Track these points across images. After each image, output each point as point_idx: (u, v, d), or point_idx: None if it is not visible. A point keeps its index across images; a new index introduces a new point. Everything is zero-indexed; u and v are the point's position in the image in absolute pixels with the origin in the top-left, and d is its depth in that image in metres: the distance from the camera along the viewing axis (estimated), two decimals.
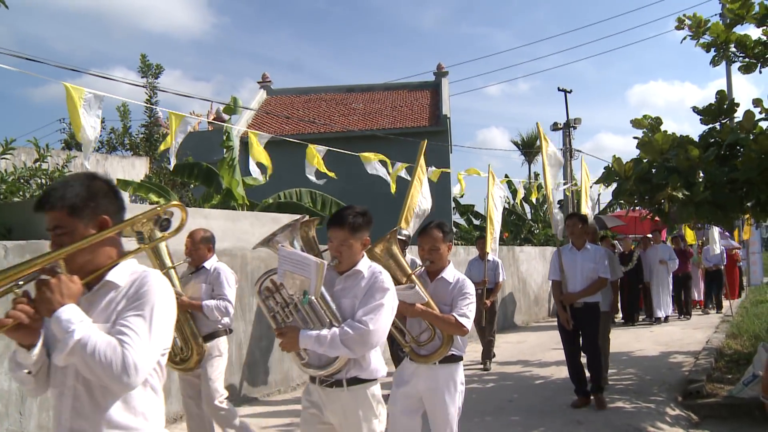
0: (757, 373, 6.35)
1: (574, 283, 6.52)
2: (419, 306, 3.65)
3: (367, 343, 3.00)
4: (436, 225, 3.98)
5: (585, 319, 6.45)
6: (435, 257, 3.92)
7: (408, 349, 3.86)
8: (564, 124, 23.07)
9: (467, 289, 3.83)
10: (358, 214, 3.21)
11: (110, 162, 11.64)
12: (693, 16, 6.89)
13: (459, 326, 3.70)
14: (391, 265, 3.72)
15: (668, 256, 13.92)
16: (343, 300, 3.17)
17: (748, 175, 5.65)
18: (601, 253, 6.59)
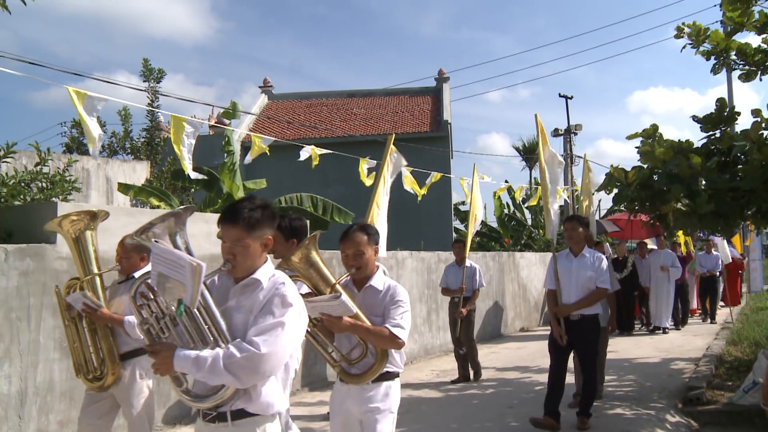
0: (757, 380, 6.34)
1: (568, 293, 5.95)
2: (347, 319, 3.18)
3: (256, 370, 2.42)
4: (360, 227, 3.53)
5: (581, 334, 5.88)
6: (361, 263, 3.44)
7: (338, 369, 3.41)
8: (565, 130, 23.10)
9: (400, 297, 3.39)
10: (257, 207, 2.65)
11: (111, 166, 11.63)
12: (692, 25, 6.91)
13: (393, 339, 3.25)
14: (312, 275, 3.32)
15: (671, 262, 13.20)
16: (235, 315, 2.59)
17: (752, 185, 5.66)
18: (600, 261, 5.98)
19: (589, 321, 5.91)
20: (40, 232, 5.47)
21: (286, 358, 2.55)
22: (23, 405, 5.08)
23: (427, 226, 19.62)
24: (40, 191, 7.05)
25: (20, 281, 5.12)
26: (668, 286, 13.14)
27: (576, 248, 6.09)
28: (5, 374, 4.97)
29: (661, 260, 13.25)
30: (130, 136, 14.78)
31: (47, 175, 7.14)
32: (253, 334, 2.44)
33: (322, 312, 3.15)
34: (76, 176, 7.67)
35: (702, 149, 6.48)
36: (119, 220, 5.94)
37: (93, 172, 11.10)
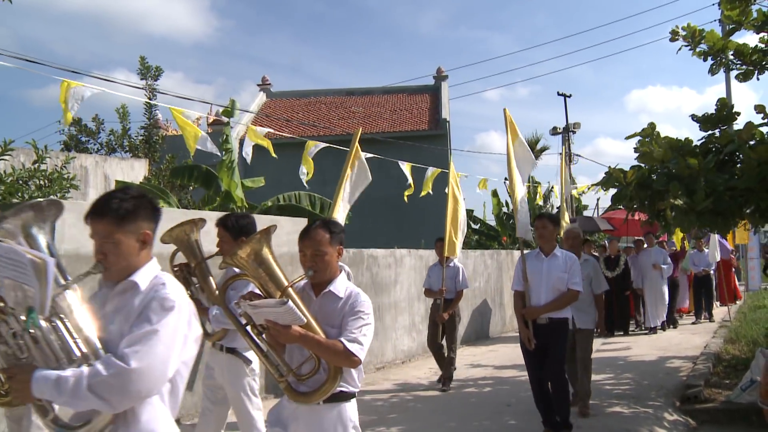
0: (755, 379, 6.36)
1: (537, 294, 5.59)
2: (296, 329, 2.76)
3: (127, 390, 2.01)
4: (321, 224, 3.13)
5: (550, 338, 5.54)
6: (319, 265, 3.01)
7: (283, 385, 2.96)
8: (563, 129, 23.10)
9: (361, 307, 2.95)
10: (130, 198, 2.27)
11: (109, 164, 11.63)
12: (687, 27, 6.90)
13: (348, 356, 2.81)
14: (261, 276, 2.94)
15: (662, 260, 12.92)
16: (110, 326, 2.19)
17: (748, 183, 5.67)
18: (571, 261, 5.65)
19: (559, 324, 5.56)
20: None
21: (167, 373, 2.11)
22: None
23: (426, 225, 19.59)
24: (38, 189, 7.04)
25: None
26: (661, 285, 12.87)
27: (547, 247, 5.75)
28: None
29: (652, 258, 12.95)
30: (128, 134, 14.77)
31: (45, 173, 7.13)
32: (124, 346, 2.05)
33: (267, 319, 2.76)
34: (74, 174, 7.67)
35: (700, 148, 6.48)
36: None
37: (91, 170, 11.09)
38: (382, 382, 8.47)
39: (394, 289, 10.05)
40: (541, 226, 5.75)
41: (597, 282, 6.72)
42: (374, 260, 9.65)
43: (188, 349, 2.24)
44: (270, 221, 7.84)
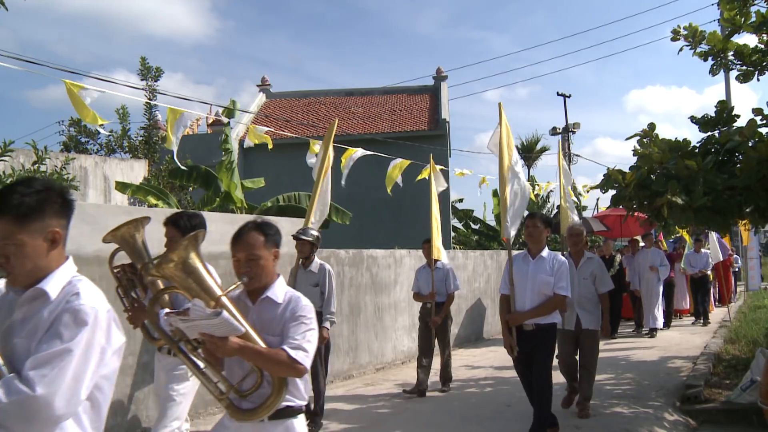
0: (755, 379, 6.35)
1: (522, 299, 5.31)
2: (234, 340, 2.53)
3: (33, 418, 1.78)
4: (255, 225, 2.87)
5: (536, 346, 5.30)
6: (255, 270, 2.80)
7: (225, 403, 2.73)
8: (563, 129, 23.10)
9: (302, 311, 2.77)
10: (33, 192, 1.98)
11: (109, 164, 11.62)
12: (689, 27, 6.90)
13: (292, 364, 2.61)
14: (192, 286, 2.66)
15: (659, 261, 12.61)
16: (15, 339, 1.95)
17: (747, 182, 5.67)
18: (558, 264, 5.33)
19: (545, 331, 5.26)
20: None
21: (79, 396, 1.88)
22: None
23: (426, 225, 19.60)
24: None
25: None
26: (657, 286, 12.59)
27: (534, 249, 5.45)
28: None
29: (650, 259, 12.65)
30: (128, 135, 14.77)
31: (44, 174, 7.12)
32: (30, 368, 1.81)
33: (202, 332, 2.51)
34: (74, 175, 7.66)
35: (700, 149, 6.48)
36: (117, 218, 5.93)
37: (91, 171, 11.09)
38: (382, 383, 8.47)
39: (394, 289, 10.05)
40: (531, 225, 5.46)
41: (602, 281, 6.51)
42: (374, 260, 9.65)
43: (108, 364, 2.00)
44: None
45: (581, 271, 6.52)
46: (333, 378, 8.61)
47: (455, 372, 8.44)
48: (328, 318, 6.13)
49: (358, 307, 9.25)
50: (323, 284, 6.14)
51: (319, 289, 6.11)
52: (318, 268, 6.21)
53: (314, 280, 6.13)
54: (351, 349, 9.06)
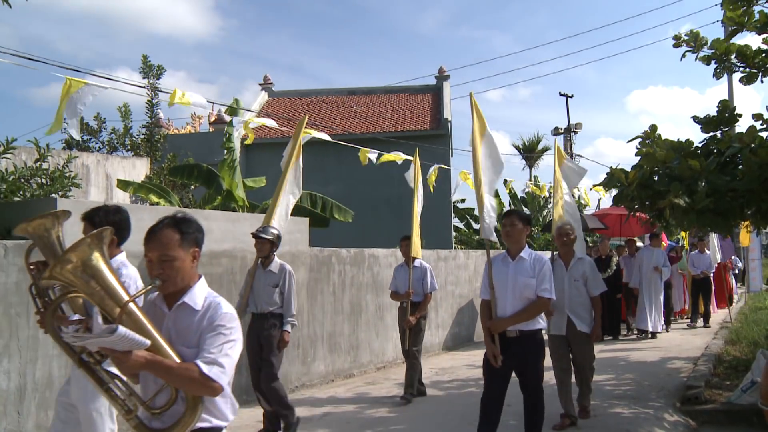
0: (755, 380, 6.35)
1: (503, 303, 4.85)
2: (140, 354, 2.25)
3: None
4: (170, 222, 2.56)
5: (521, 354, 4.79)
6: (169, 272, 2.49)
7: (133, 423, 2.44)
8: (565, 129, 23.10)
9: (221, 320, 2.46)
10: None
11: (111, 162, 11.64)
12: (690, 33, 6.89)
13: (205, 382, 2.32)
14: (95, 290, 2.35)
15: (663, 262, 12.36)
16: None
17: (749, 185, 5.67)
18: (540, 264, 4.88)
19: (530, 338, 4.81)
20: None
21: None
22: (22, 401, 5.08)
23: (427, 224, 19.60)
24: (40, 187, 7.06)
25: (19, 277, 5.12)
26: (659, 287, 12.39)
27: (514, 249, 4.98)
28: (4, 370, 4.98)
29: (654, 259, 12.36)
30: (129, 133, 14.77)
31: (47, 171, 7.15)
32: None
33: (102, 347, 2.25)
34: (76, 172, 7.68)
35: (702, 150, 6.48)
36: None
37: (92, 169, 11.10)
38: (383, 382, 8.47)
39: None
40: (509, 224, 4.97)
41: (594, 283, 6.22)
42: (375, 260, 9.66)
43: None
44: None
45: (572, 272, 6.24)
46: (334, 377, 8.63)
47: (456, 372, 8.45)
48: (289, 321, 5.99)
49: (359, 306, 9.26)
50: (283, 285, 5.96)
51: (279, 290, 5.96)
52: (278, 268, 6.02)
53: (274, 281, 5.96)
54: (352, 348, 9.07)
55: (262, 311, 5.94)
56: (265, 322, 5.92)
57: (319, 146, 9.64)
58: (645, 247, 12.92)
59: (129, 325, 2.25)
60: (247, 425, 6.35)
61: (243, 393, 7.25)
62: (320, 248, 8.70)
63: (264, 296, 5.94)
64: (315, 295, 8.44)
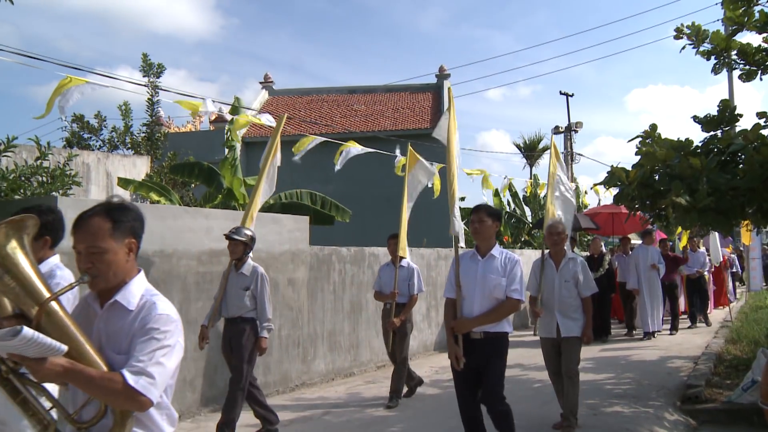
0: (756, 379, 6.35)
1: (470, 303, 4.58)
2: (55, 362, 1.93)
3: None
4: (102, 209, 2.21)
5: (485, 358, 4.53)
6: (99, 267, 2.15)
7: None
8: (566, 128, 23.09)
9: (156, 322, 2.14)
10: None
11: (111, 161, 11.65)
12: (692, 26, 6.89)
13: (129, 395, 2.01)
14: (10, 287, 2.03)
15: (657, 259, 12.00)
16: None
17: (751, 184, 5.67)
18: (512, 264, 4.61)
19: (495, 341, 4.54)
20: None
21: None
22: None
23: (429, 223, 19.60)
24: (41, 185, 7.06)
25: None
26: (658, 286, 12.04)
27: (483, 246, 4.70)
28: None
29: (650, 257, 11.99)
30: (130, 131, 14.78)
31: (47, 170, 7.15)
32: None
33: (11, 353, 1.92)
34: (77, 171, 7.68)
35: (702, 149, 6.48)
36: None
37: (93, 167, 11.11)
38: (383, 381, 8.46)
39: None
40: (477, 220, 4.68)
41: (585, 284, 5.94)
42: (375, 258, 9.65)
43: None
44: (272, 219, 7.87)
45: (562, 273, 6.00)
46: (334, 375, 8.63)
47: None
48: (265, 327, 5.82)
49: (360, 305, 9.26)
50: (255, 288, 5.77)
51: (251, 293, 5.76)
52: (250, 270, 5.83)
53: (245, 284, 5.76)
54: (352, 346, 9.08)
55: (233, 316, 5.77)
56: (236, 327, 5.74)
57: (320, 145, 9.62)
58: (639, 246, 12.53)
59: (49, 327, 1.99)
60: (247, 425, 6.36)
61: None
62: (320, 247, 8.69)
63: (235, 300, 5.77)
64: (315, 293, 8.44)
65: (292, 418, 6.56)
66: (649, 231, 12.12)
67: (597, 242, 12.57)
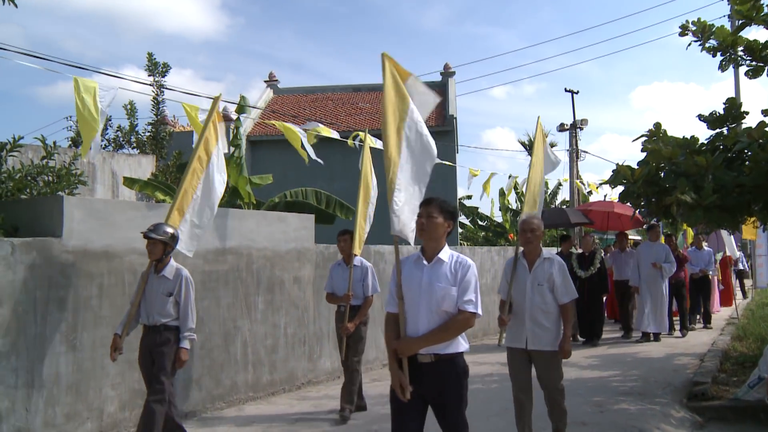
0: (762, 376, 6.35)
1: (414, 318, 3.63)
2: None
3: None
4: None
5: (438, 385, 3.62)
6: None
7: None
8: (571, 125, 23.02)
9: None
10: None
11: (117, 160, 11.67)
12: (697, 22, 6.87)
13: None
14: None
15: (664, 257, 11.10)
16: None
17: (757, 181, 5.66)
18: (464, 270, 3.65)
19: (449, 364, 3.63)
20: (47, 225, 5.50)
21: None
22: (30, 397, 5.11)
23: None
24: (46, 185, 7.08)
25: (26, 275, 5.14)
26: (662, 285, 11.19)
27: (429, 248, 3.76)
28: (12, 367, 5.00)
29: (654, 254, 11.19)
30: (135, 131, 14.80)
31: (53, 169, 7.17)
32: None
33: None
34: (82, 170, 7.70)
35: (708, 146, 6.47)
36: (125, 214, 5.97)
37: (99, 166, 11.14)
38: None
39: None
40: (426, 214, 3.75)
41: (563, 288, 5.06)
42: (381, 256, 9.66)
43: None
44: (278, 217, 7.88)
45: (536, 275, 5.12)
46: (340, 374, 8.63)
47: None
48: (187, 336, 5.21)
49: None
50: (178, 293, 5.18)
51: (174, 299, 5.17)
52: (173, 273, 5.24)
53: (168, 288, 5.17)
54: None
55: (154, 323, 5.15)
56: (157, 336, 5.13)
57: (325, 143, 9.63)
58: (644, 242, 11.86)
59: None
60: (253, 422, 6.37)
61: (249, 390, 7.28)
62: (326, 245, 8.70)
63: (156, 306, 5.17)
64: (321, 292, 8.45)
65: (298, 416, 6.57)
66: (654, 226, 11.40)
67: (588, 239, 11.79)
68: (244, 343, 7.23)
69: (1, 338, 4.95)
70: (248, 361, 7.30)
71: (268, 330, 7.56)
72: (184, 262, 6.57)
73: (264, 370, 7.50)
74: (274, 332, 7.66)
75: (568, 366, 6.90)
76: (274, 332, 7.64)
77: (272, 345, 7.62)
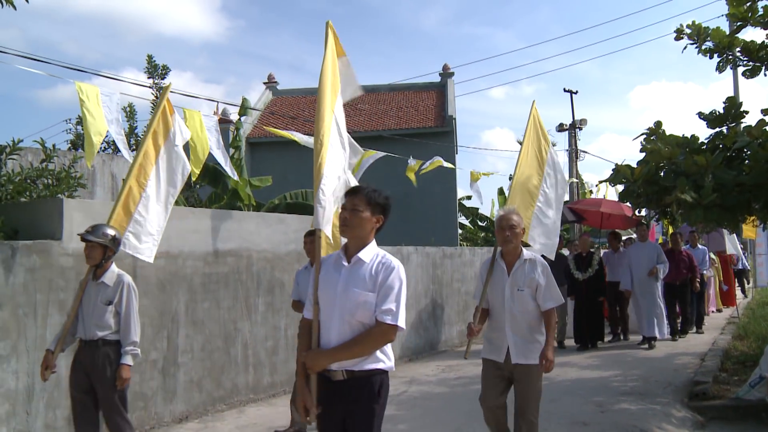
0: (763, 375, 6.34)
1: (327, 327, 3.10)
2: None
3: None
4: None
5: (346, 406, 3.11)
6: None
7: None
8: (570, 125, 23.04)
9: None
10: None
11: (116, 162, 11.67)
12: (692, 25, 6.87)
13: None
14: None
15: (656, 258, 10.50)
16: None
17: (757, 180, 5.66)
18: (386, 272, 3.06)
19: (363, 383, 3.15)
20: (46, 228, 5.50)
21: None
22: (30, 400, 5.11)
23: (432, 222, 19.62)
24: (46, 188, 7.08)
25: (27, 278, 5.14)
26: (656, 288, 10.59)
27: (352, 245, 3.19)
28: (12, 370, 5.00)
29: (646, 255, 10.59)
30: (135, 133, 14.81)
31: (53, 172, 7.16)
32: None
33: None
34: (82, 173, 7.69)
35: (708, 145, 6.47)
36: None
37: (98, 169, 11.14)
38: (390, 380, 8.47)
39: None
40: (350, 206, 3.17)
41: (547, 293, 4.45)
42: None
43: None
44: (278, 219, 7.88)
45: (515, 278, 4.49)
46: None
47: (463, 369, 8.40)
48: (129, 351, 4.57)
49: None
50: (119, 303, 4.59)
51: (114, 309, 4.58)
52: (114, 280, 4.64)
53: (107, 297, 4.58)
54: None
55: (91, 337, 4.53)
56: (95, 352, 4.52)
57: None
58: (634, 243, 11.26)
59: None
60: (254, 423, 6.37)
61: (250, 392, 7.28)
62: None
63: (94, 317, 4.55)
64: None
65: None
66: (641, 224, 10.97)
67: (585, 239, 11.22)
68: (244, 344, 7.23)
69: (2, 341, 4.95)
70: (249, 363, 7.30)
71: (268, 332, 7.56)
72: (184, 263, 6.58)
73: (264, 372, 7.50)
74: (275, 334, 7.66)
75: (569, 366, 6.90)
76: (274, 334, 7.64)
77: (273, 347, 7.62)
